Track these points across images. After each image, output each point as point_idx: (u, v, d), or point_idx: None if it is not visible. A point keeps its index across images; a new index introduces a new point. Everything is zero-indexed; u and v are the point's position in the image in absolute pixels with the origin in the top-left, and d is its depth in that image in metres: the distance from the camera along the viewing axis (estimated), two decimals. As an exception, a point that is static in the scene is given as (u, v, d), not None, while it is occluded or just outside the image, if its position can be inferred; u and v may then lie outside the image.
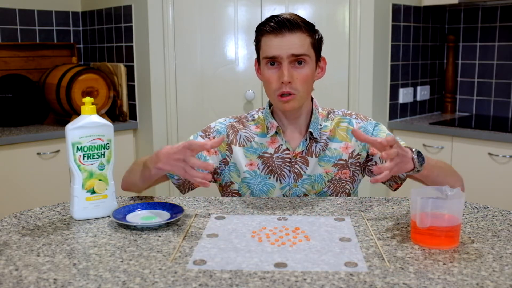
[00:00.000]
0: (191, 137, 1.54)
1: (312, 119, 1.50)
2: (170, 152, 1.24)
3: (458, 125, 2.86)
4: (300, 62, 1.41)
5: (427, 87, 3.29)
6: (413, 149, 1.25)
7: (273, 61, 1.41)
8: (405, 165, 1.21)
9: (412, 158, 1.23)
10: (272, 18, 1.41)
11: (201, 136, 1.53)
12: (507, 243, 1.07)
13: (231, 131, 1.53)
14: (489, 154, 2.63)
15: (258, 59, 1.49)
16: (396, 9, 2.94)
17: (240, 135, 1.52)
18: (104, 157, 1.25)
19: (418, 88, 3.21)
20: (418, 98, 3.22)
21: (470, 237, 1.11)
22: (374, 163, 1.51)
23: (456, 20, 3.31)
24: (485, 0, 2.95)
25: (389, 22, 2.92)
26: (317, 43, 1.45)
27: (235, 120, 1.56)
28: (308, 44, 1.41)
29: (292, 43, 1.39)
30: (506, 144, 2.57)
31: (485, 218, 1.23)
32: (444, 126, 2.85)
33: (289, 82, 1.39)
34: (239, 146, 1.52)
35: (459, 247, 1.06)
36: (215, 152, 1.51)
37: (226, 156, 1.52)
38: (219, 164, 1.52)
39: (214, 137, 1.51)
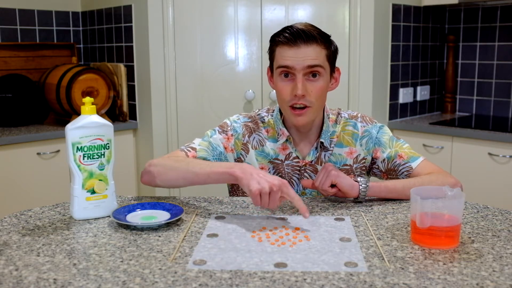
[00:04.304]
0: (208, 132, 1.52)
1: (324, 128, 1.49)
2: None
3: (458, 125, 2.86)
4: (314, 75, 1.38)
5: (427, 87, 3.29)
6: (361, 181, 1.35)
7: (287, 72, 1.38)
8: (347, 194, 1.36)
9: (359, 193, 1.35)
10: (287, 28, 1.38)
11: (219, 132, 1.52)
12: (507, 243, 1.07)
13: (246, 131, 1.53)
14: (489, 154, 2.63)
15: (271, 67, 1.47)
16: (396, 9, 2.94)
17: (254, 137, 1.52)
18: (104, 157, 1.25)
19: (418, 88, 3.21)
20: (418, 98, 3.22)
21: (470, 237, 1.11)
22: (377, 167, 1.53)
23: (456, 20, 3.31)
24: (485, 0, 2.95)
25: (389, 22, 2.92)
26: (332, 55, 1.42)
27: (249, 120, 1.55)
28: (323, 57, 1.38)
29: (307, 55, 1.35)
30: (506, 144, 2.57)
31: (485, 218, 1.23)
32: (444, 126, 2.85)
33: (303, 96, 1.37)
34: (252, 148, 1.52)
35: (459, 247, 1.06)
36: (232, 150, 1.51)
37: (241, 155, 1.52)
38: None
39: (232, 135, 1.51)
